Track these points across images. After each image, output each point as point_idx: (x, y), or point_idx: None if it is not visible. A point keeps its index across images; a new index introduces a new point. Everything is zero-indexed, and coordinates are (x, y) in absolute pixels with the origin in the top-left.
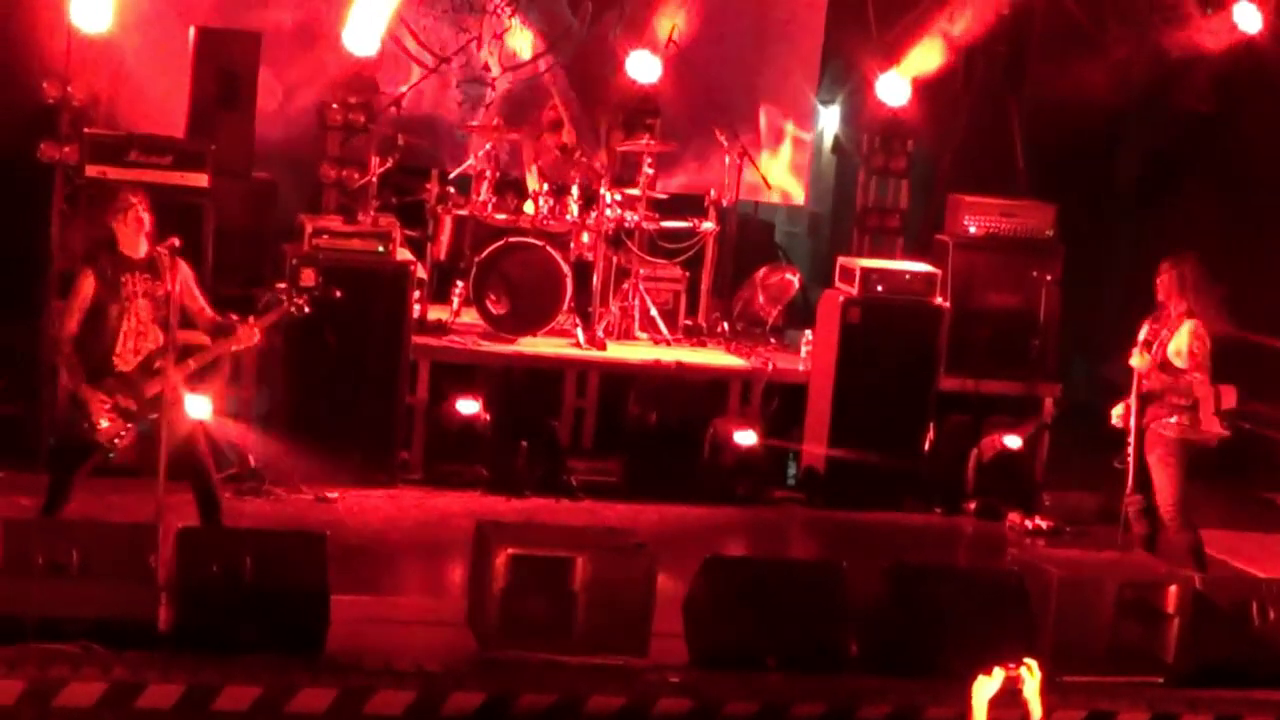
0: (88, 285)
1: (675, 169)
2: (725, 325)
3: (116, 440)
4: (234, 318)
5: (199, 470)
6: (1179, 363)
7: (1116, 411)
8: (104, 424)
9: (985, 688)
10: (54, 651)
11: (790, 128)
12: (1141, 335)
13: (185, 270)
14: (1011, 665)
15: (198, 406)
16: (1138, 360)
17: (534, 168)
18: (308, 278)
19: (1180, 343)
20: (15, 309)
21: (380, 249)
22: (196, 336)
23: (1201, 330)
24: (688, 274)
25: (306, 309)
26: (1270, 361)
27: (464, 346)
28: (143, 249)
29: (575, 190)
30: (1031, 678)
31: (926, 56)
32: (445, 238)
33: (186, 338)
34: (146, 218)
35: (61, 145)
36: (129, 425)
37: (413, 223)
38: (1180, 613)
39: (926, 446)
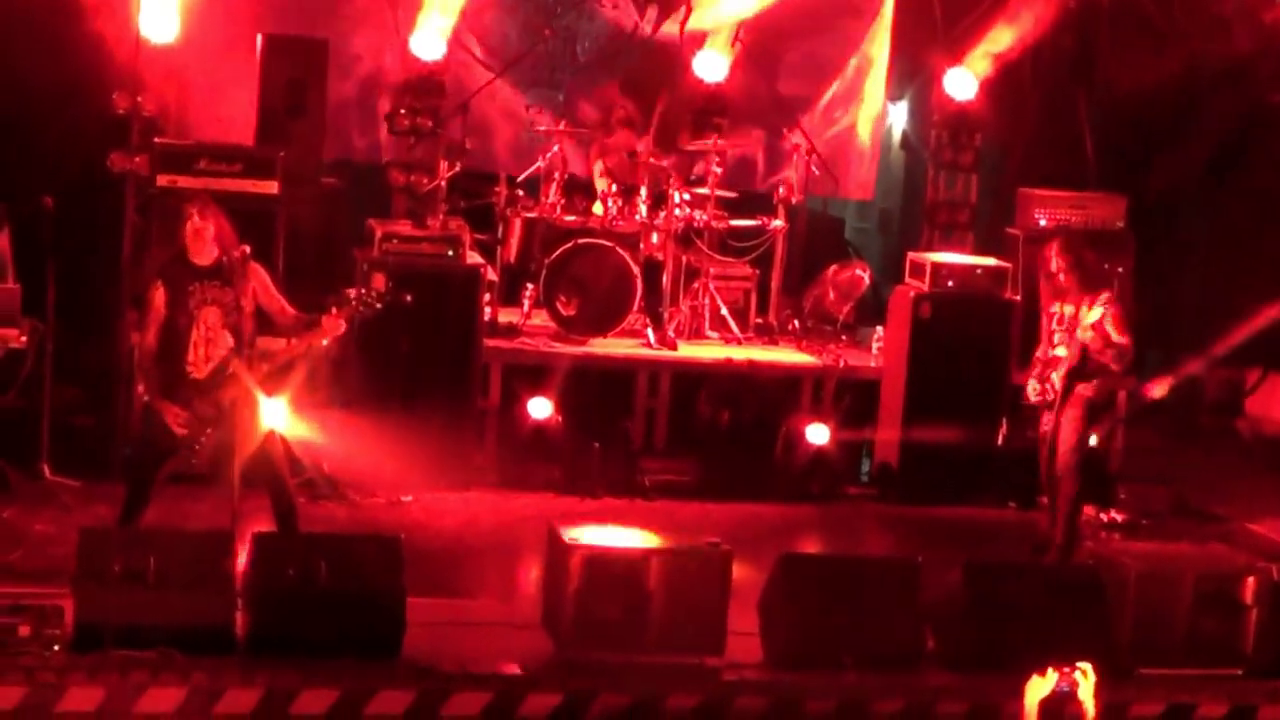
0: (158, 297)
1: (743, 167)
2: (796, 323)
3: (197, 446)
4: (319, 315)
5: (276, 476)
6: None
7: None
8: (182, 431)
9: (1038, 689)
10: (133, 658)
11: (858, 123)
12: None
13: (260, 273)
14: (1066, 668)
15: (273, 413)
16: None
17: (602, 169)
18: (378, 282)
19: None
20: (89, 320)
21: (450, 253)
22: (271, 342)
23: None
24: (758, 272)
25: (378, 305)
26: None
27: (535, 349)
28: (209, 257)
29: (644, 190)
30: (1086, 681)
31: (993, 50)
32: (514, 240)
33: (264, 344)
34: (210, 225)
35: (132, 156)
36: (207, 431)
37: (482, 226)
38: (1258, 604)
39: (1000, 441)
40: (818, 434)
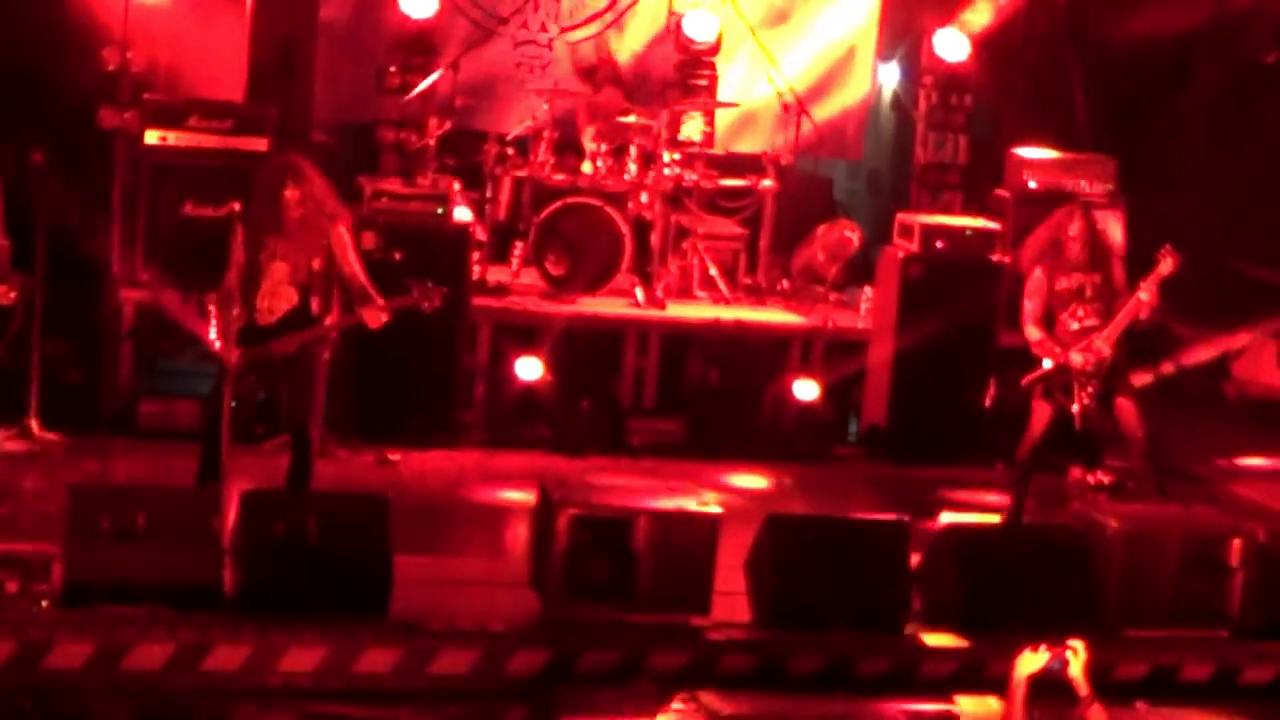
0: (237, 244)
1: (733, 126)
2: (785, 283)
3: (240, 388)
4: (376, 294)
5: (305, 434)
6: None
7: None
8: (230, 364)
9: (1028, 664)
10: (121, 614)
11: (848, 84)
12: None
13: (343, 236)
14: (1057, 645)
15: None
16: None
17: (591, 128)
18: (367, 240)
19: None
20: (78, 276)
21: (439, 211)
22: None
23: None
24: (747, 232)
25: (438, 304)
26: None
27: (524, 308)
28: (293, 212)
29: (633, 150)
30: (1076, 659)
31: (985, 9)
32: (504, 199)
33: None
34: (302, 195)
35: (121, 112)
36: (251, 377)
37: (471, 184)
38: (1244, 566)
39: (988, 402)
40: (806, 389)
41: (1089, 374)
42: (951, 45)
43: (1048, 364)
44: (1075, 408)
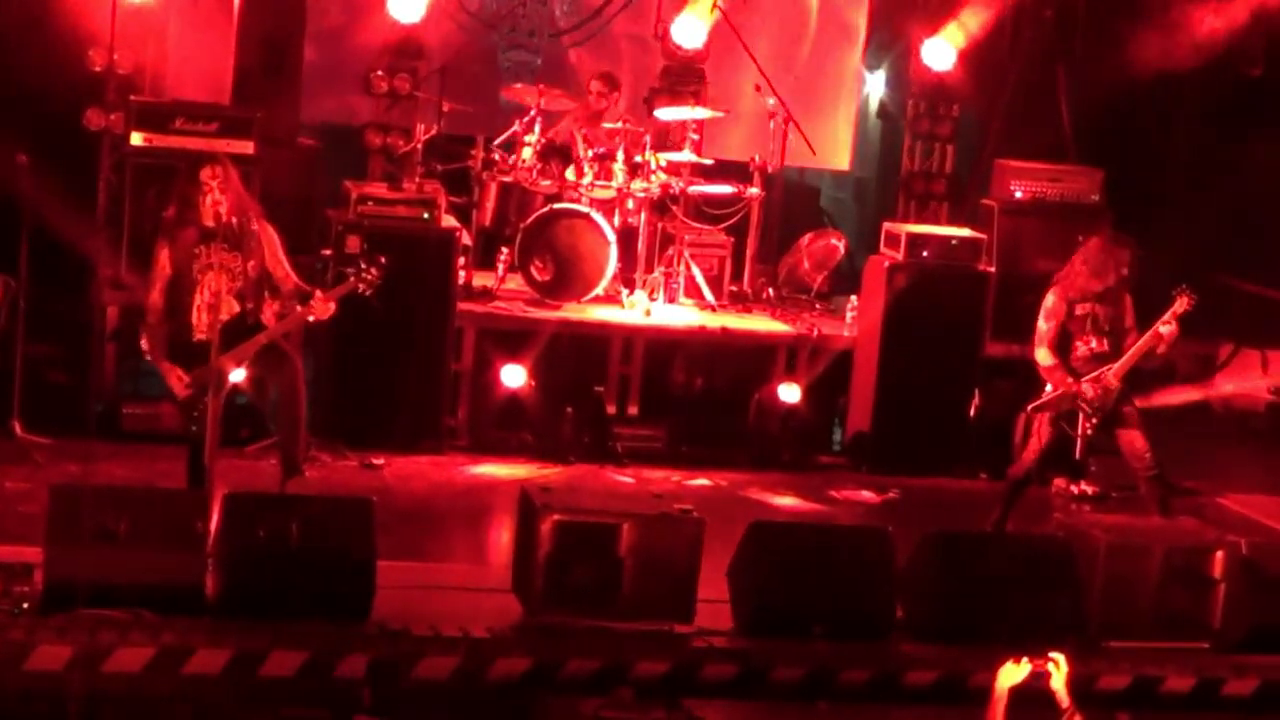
0: (163, 257)
1: (720, 134)
2: (770, 291)
3: (195, 413)
4: (315, 291)
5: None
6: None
7: None
8: (184, 392)
9: (1010, 676)
10: (103, 617)
11: (836, 92)
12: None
13: (272, 237)
14: (1039, 658)
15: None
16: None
17: (579, 134)
18: (353, 244)
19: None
20: (62, 277)
21: (425, 215)
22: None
23: None
24: (733, 240)
25: (378, 279)
26: None
27: (509, 313)
28: (218, 220)
29: (620, 156)
30: (1058, 671)
31: (973, 20)
32: (490, 204)
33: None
34: (226, 198)
35: (108, 113)
36: (206, 396)
37: (458, 189)
38: (1227, 578)
39: (972, 412)
40: (789, 393)
41: (1095, 406)
42: (939, 55)
43: (1050, 388)
44: (1078, 437)
